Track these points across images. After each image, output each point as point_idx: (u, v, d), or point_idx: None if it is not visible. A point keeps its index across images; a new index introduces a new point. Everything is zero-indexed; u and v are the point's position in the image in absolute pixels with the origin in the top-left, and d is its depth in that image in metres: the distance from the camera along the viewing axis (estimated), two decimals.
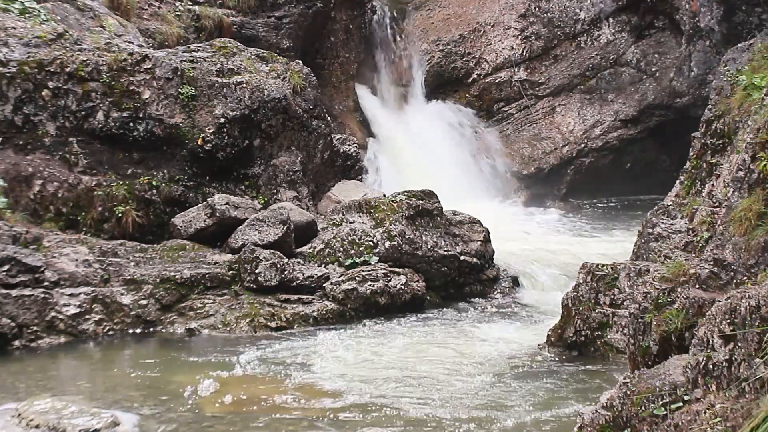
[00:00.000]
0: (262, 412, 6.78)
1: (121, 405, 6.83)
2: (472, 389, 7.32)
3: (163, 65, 10.72)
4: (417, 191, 11.05)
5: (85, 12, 12.18)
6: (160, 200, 10.53)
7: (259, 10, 15.92)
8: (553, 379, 7.61)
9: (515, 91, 18.52)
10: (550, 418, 6.58)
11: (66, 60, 10.40)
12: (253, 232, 9.89)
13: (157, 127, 10.56)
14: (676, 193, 8.82)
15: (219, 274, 9.62)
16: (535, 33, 18.49)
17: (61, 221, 10.06)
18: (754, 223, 5.75)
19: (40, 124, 10.26)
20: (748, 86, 7.50)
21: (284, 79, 11.57)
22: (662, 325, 5.71)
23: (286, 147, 11.50)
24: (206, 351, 8.49)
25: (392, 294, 9.93)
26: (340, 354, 8.38)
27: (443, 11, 18.76)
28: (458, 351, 8.56)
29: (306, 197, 11.53)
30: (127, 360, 8.37)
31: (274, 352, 8.43)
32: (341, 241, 10.30)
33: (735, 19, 16.08)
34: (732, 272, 5.86)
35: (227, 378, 7.57)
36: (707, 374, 4.36)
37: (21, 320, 8.52)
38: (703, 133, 8.62)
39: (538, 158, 18.27)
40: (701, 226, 7.39)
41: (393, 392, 7.21)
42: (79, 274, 9.08)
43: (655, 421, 4.45)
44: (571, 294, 8.43)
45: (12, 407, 6.52)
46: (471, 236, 11.05)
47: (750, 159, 6.10)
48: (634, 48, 18.49)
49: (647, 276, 6.88)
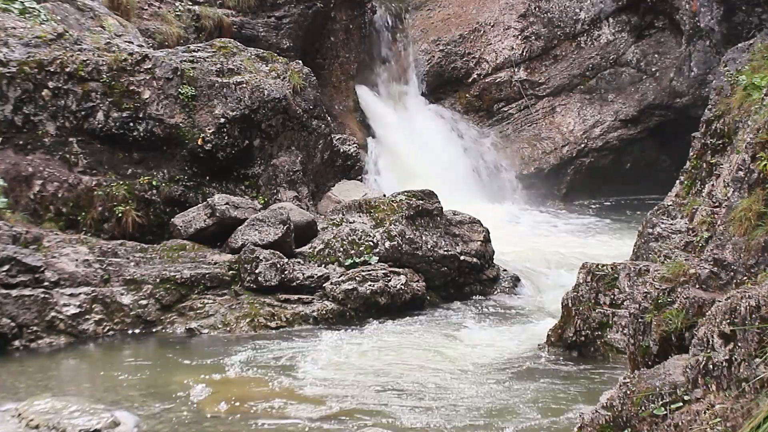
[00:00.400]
0: (262, 412, 6.77)
1: (121, 405, 6.82)
2: (472, 390, 7.31)
3: (163, 65, 10.72)
4: (417, 191, 11.05)
5: (85, 12, 12.18)
6: (160, 200, 10.53)
7: (259, 10, 15.92)
8: (553, 380, 7.61)
9: (515, 91, 18.52)
10: (550, 418, 6.57)
11: (66, 60, 10.40)
12: (253, 232, 9.89)
13: (157, 127, 10.56)
14: (676, 193, 8.81)
15: (219, 274, 9.61)
16: (535, 33, 18.49)
17: (61, 221, 10.06)
18: (754, 223, 5.75)
19: (40, 124, 10.26)
20: (748, 86, 7.49)
21: (284, 79, 11.58)
22: (662, 325, 5.71)
23: (286, 147, 11.50)
24: (206, 351, 8.49)
25: (392, 294, 9.93)
26: (339, 355, 8.37)
27: (443, 11, 18.76)
28: (458, 351, 8.56)
29: (306, 197, 11.53)
30: (127, 360, 8.37)
31: (274, 353, 8.43)
32: (341, 241, 10.30)
33: (735, 19, 16.07)
34: (732, 272, 5.86)
35: (227, 378, 7.57)
36: (707, 374, 4.35)
37: (21, 320, 8.52)
38: (703, 133, 8.62)
39: (538, 158, 18.27)
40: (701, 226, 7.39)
41: (390, 396, 7.18)
42: (79, 274, 9.08)
43: (655, 421, 4.45)
44: (571, 294, 8.43)
45: (12, 407, 6.52)
46: (471, 236, 11.05)
47: (750, 159, 6.10)
48: (634, 48, 18.49)
49: (647, 276, 6.88)
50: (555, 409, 6.79)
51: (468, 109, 18.54)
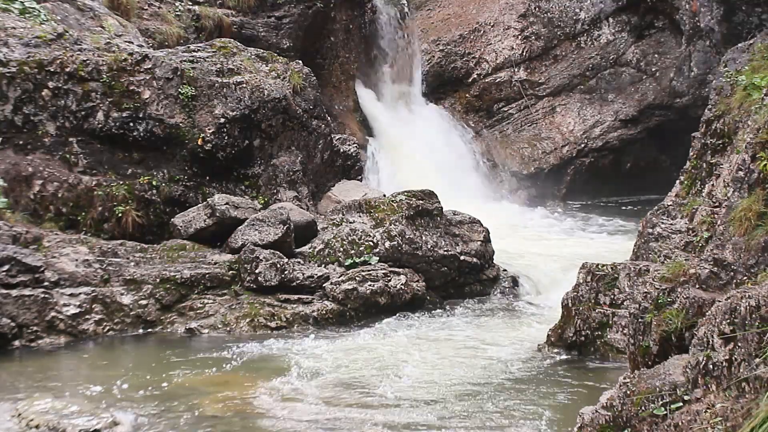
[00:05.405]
0: (262, 412, 6.78)
1: (121, 405, 6.83)
2: (471, 390, 7.31)
3: (163, 65, 10.72)
4: (417, 191, 11.04)
5: (85, 12, 12.17)
6: (160, 200, 10.53)
7: (259, 10, 15.92)
8: (552, 379, 7.62)
9: (515, 91, 18.53)
10: (550, 418, 6.58)
11: (66, 60, 10.40)
12: (253, 232, 9.89)
13: (157, 127, 10.56)
14: (676, 193, 8.82)
15: (219, 274, 9.62)
16: (535, 33, 18.50)
17: (61, 221, 10.06)
18: (754, 223, 5.76)
19: (40, 124, 10.26)
20: (748, 86, 7.50)
21: (284, 79, 11.58)
22: (662, 325, 5.71)
23: (286, 147, 11.50)
24: (206, 351, 8.49)
25: (392, 294, 9.93)
26: (339, 355, 8.37)
27: (443, 11, 18.77)
28: (457, 351, 8.56)
29: (306, 197, 11.53)
30: (127, 360, 8.37)
31: (274, 353, 8.43)
32: (341, 241, 10.30)
33: (735, 19, 16.07)
34: (732, 272, 5.86)
35: (227, 378, 7.58)
36: (707, 374, 4.35)
37: (21, 320, 8.52)
38: (703, 133, 8.62)
39: (538, 158, 18.28)
40: (701, 226, 7.39)
41: (390, 396, 7.20)
42: (79, 274, 9.08)
43: (655, 421, 4.45)
44: (571, 294, 8.44)
45: (12, 407, 6.52)
46: (471, 236, 11.05)
47: (750, 159, 6.10)
48: (634, 48, 18.49)
49: (647, 276, 6.89)
50: (555, 409, 6.79)
51: (468, 109, 18.56)
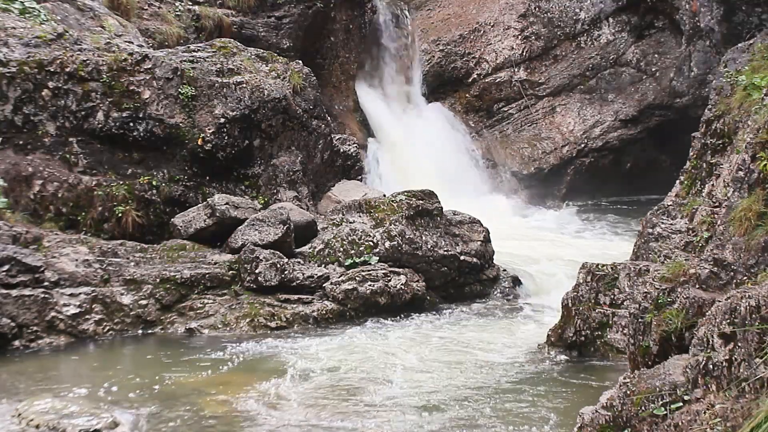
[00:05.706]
0: (262, 412, 6.78)
1: (121, 405, 6.83)
2: (470, 390, 7.32)
3: (163, 65, 10.72)
4: (417, 191, 11.04)
5: (85, 12, 12.17)
6: (160, 200, 10.53)
7: (259, 10, 15.93)
8: (552, 380, 7.61)
9: (515, 91, 18.53)
10: (550, 418, 6.57)
11: (66, 60, 10.40)
12: (253, 232, 9.89)
13: (157, 127, 10.56)
14: (676, 193, 8.82)
15: (219, 274, 9.62)
16: (535, 33, 18.50)
17: (61, 221, 10.06)
18: (754, 223, 5.76)
19: (40, 124, 10.26)
20: (748, 86, 7.50)
21: (284, 79, 11.58)
22: (662, 325, 5.71)
23: (286, 147, 11.50)
24: (206, 351, 8.49)
25: (392, 294, 9.93)
26: (339, 355, 8.37)
27: (443, 11, 18.77)
28: (457, 351, 8.56)
29: (306, 197, 11.53)
30: (127, 360, 8.37)
31: (274, 353, 8.43)
32: (341, 241, 10.30)
33: (735, 19, 16.08)
34: (732, 272, 5.86)
35: (227, 378, 7.58)
36: (707, 374, 4.35)
37: (21, 320, 8.51)
38: (703, 133, 8.62)
39: (538, 158, 18.27)
40: (701, 226, 7.39)
41: (389, 395, 7.20)
42: (79, 274, 9.08)
43: (655, 421, 4.45)
44: (571, 294, 8.44)
45: (12, 407, 6.52)
46: (471, 236, 11.05)
47: (750, 159, 6.10)
48: (634, 48, 18.49)
49: (647, 276, 6.89)
50: (555, 409, 6.79)
51: (468, 109, 18.56)
